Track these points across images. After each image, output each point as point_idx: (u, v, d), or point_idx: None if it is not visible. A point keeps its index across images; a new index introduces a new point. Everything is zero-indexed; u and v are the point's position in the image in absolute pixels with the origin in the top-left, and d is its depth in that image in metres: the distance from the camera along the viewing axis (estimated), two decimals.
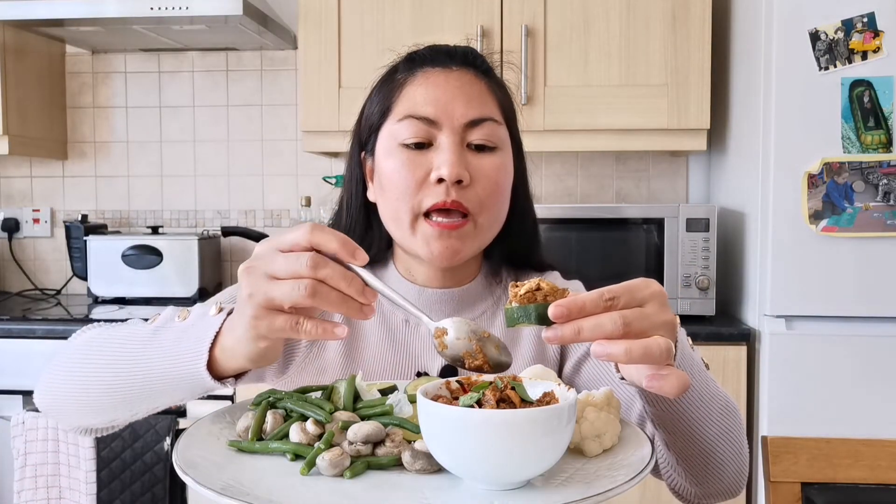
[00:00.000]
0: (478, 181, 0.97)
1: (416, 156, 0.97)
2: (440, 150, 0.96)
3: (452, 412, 0.69)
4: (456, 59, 1.02)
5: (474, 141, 0.97)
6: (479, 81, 1.01)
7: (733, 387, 2.11)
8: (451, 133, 0.97)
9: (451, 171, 0.94)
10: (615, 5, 2.35)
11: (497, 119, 1.00)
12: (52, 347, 2.19)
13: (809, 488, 1.27)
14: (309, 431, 0.80)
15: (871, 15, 1.99)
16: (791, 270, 2.04)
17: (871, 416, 2.02)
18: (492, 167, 0.98)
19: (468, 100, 0.98)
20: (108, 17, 2.32)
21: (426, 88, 0.99)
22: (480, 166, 0.97)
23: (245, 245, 2.85)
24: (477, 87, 1.00)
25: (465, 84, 0.99)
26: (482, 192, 0.97)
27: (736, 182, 2.37)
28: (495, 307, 1.07)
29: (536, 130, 2.37)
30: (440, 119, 0.97)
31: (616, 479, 0.71)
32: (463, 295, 1.06)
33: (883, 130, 2.00)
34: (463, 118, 0.97)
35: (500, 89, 1.04)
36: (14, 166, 2.92)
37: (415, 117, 0.97)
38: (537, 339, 1.05)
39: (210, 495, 0.71)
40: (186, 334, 0.80)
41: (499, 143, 0.99)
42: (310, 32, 2.40)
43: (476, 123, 0.97)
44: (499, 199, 0.99)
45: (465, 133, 0.97)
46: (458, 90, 0.98)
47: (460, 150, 0.97)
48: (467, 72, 1.01)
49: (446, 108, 0.97)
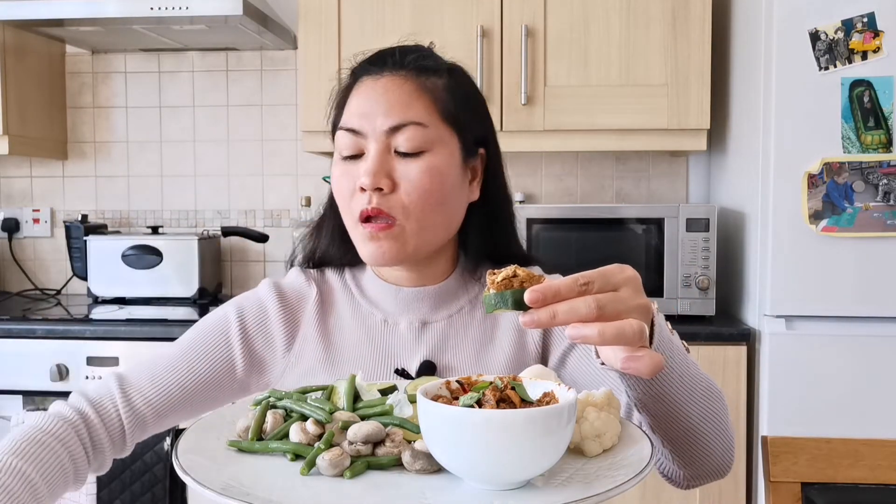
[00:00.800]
0: (401, 186, 0.98)
1: (350, 167, 1.00)
2: (365, 160, 0.99)
3: (452, 412, 0.69)
4: (387, 65, 1.02)
5: (399, 147, 0.98)
6: (407, 83, 1.01)
7: (733, 387, 2.11)
8: (375, 142, 0.99)
9: (369, 181, 0.97)
10: (615, 5, 2.35)
11: (421, 122, 0.99)
12: (53, 347, 2.19)
13: (809, 488, 1.27)
14: (309, 431, 0.80)
15: (871, 15, 1.99)
16: (791, 270, 2.04)
17: (871, 416, 2.02)
18: (416, 172, 0.98)
19: (390, 106, 0.99)
20: (108, 17, 2.32)
21: (357, 100, 1.01)
22: (405, 172, 0.98)
23: (245, 245, 2.85)
24: (402, 90, 1.00)
25: (391, 90, 1.00)
26: (405, 198, 0.98)
27: (736, 182, 2.37)
28: (473, 303, 1.08)
29: (536, 130, 2.37)
30: (364, 129, 0.99)
31: (616, 479, 0.71)
32: (439, 292, 1.07)
33: (883, 130, 2.00)
34: (383, 125, 0.98)
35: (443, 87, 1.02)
36: (14, 166, 2.92)
37: (344, 129, 1.01)
38: (517, 333, 1.06)
39: (210, 495, 0.71)
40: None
41: (425, 145, 0.99)
42: (310, 32, 2.40)
43: (397, 129, 0.98)
44: (427, 202, 0.99)
45: (389, 139, 0.99)
46: (382, 97, 0.99)
47: (382, 158, 0.98)
48: (396, 76, 1.01)
49: (369, 117, 0.99)
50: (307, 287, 1.10)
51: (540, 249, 2.31)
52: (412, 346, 1.06)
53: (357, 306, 1.09)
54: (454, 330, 1.06)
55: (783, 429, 2.04)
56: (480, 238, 1.08)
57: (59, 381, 2.18)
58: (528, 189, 2.78)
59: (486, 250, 1.09)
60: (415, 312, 1.07)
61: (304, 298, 1.09)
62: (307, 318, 1.08)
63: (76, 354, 2.19)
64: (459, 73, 1.08)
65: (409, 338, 1.06)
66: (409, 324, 1.06)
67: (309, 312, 1.08)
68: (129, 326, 2.21)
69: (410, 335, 1.06)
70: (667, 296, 2.23)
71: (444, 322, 1.07)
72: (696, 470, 0.93)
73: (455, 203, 1.03)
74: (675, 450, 0.90)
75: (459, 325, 1.07)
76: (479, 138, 1.06)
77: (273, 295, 1.09)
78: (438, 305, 1.07)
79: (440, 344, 1.05)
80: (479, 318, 1.07)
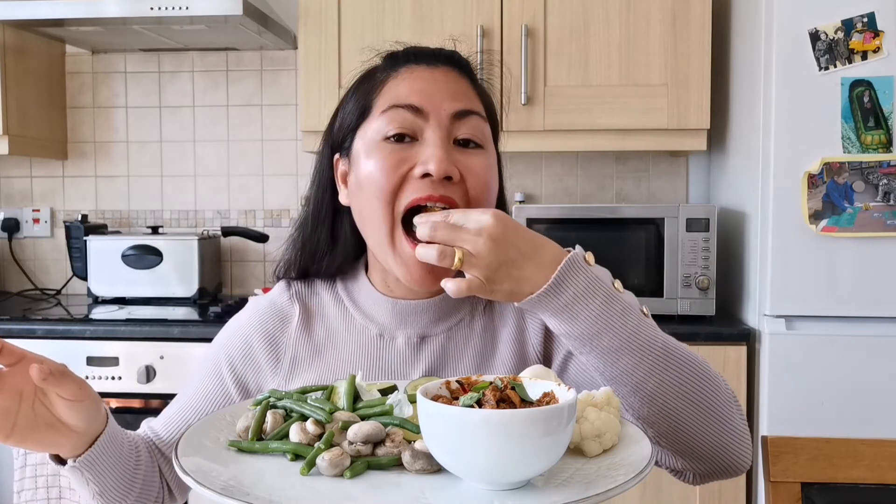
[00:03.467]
0: (467, 179, 0.92)
1: (400, 150, 0.92)
2: (426, 145, 0.91)
3: (452, 412, 0.69)
4: (440, 59, 0.99)
5: (461, 135, 0.93)
6: (463, 79, 0.99)
7: (733, 387, 2.10)
8: (438, 126, 0.92)
9: (439, 167, 0.89)
10: (615, 6, 2.35)
11: (483, 116, 0.97)
12: (53, 347, 2.19)
13: (809, 488, 1.27)
14: (309, 431, 0.80)
15: (871, 15, 1.98)
16: (791, 270, 2.04)
17: (871, 416, 2.02)
18: (481, 165, 0.93)
19: (454, 93, 0.95)
20: (108, 17, 2.32)
21: (411, 82, 0.95)
22: (469, 164, 0.92)
23: (245, 245, 2.85)
24: (462, 83, 0.98)
25: (451, 80, 0.96)
26: (472, 190, 0.92)
27: (736, 182, 2.37)
28: (472, 313, 1.03)
29: (536, 130, 2.37)
30: (426, 108, 0.92)
31: (616, 479, 0.71)
32: (439, 305, 1.01)
33: (883, 130, 2.00)
34: (450, 108, 0.93)
35: (483, 93, 1.03)
36: (14, 166, 2.92)
37: (399, 106, 0.93)
38: (517, 343, 1.02)
39: (210, 495, 0.71)
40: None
41: (485, 141, 0.96)
42: (310, 32, 2.40)
43: (463, 115, 0.93)
44: (487, 199, 0.94)
45: (451, 127, 0.93)
46: (444, 84, 0.95)
47: (448, 146, 0.92)
48: (451, 70, 0.98)
49: (432, 99, 0.93)
50: (290, 307, 1.05)
51: None
52: (410, 362, 1.00)
53: (351, 320, 1.03)
54: (454, 343, 1.01)
55: (783, 429, 2.04)
56: None
57: None
58: (528, 189, 2.77)
59: None
60: (413, 326, 1.01)
61: (286, 320, 1.04)
62: (292, 340, 1.03)
63: (76, 354, 2.19)
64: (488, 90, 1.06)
65: (406, 353, 1.00)
66: (407, 338, 1.01)
67: (293, 335, 1.03)
68: (129, 326, 2.21)
69: (408, 350, 1.00)
70: (667, 296, 2.23)
71: (444, 335, 1.01)
72: (697, 464, 0.90)
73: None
74: (659, 435, 0.87)
75: (460, 338, 1.01)
76: (497, 152, 1.05)
77: (255, 323, 1.05)
78: (439, 318, 1.01)
79: (440, 359, 1.00)
80: (480, 329, 1.02)
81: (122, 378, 2.18)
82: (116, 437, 0.93)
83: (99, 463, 0.89)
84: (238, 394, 1.05)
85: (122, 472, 0.94)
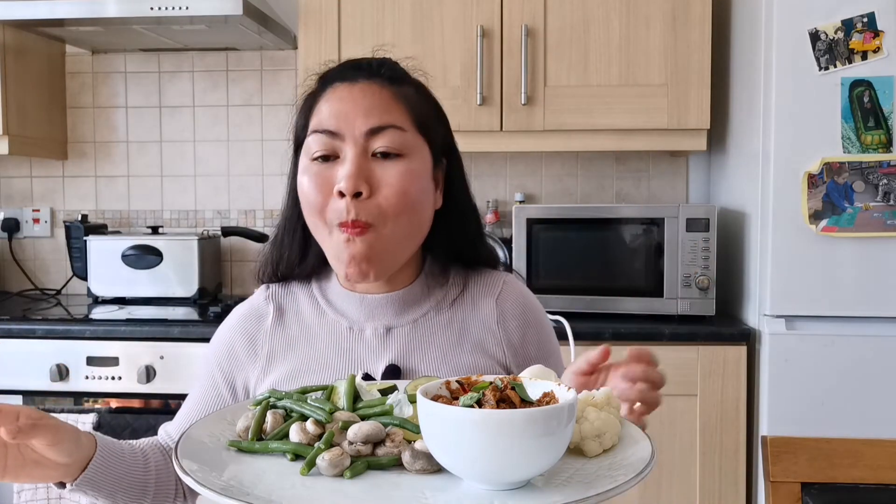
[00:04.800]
0: (380, 190, 0.99)
1: (324, 169, 1.00)
2: (343, 163, 0.99)
3: (452, 412, 0.69)
4: (361, 72, 1.04)
5: (377, 149, 0.99)
6: (383, 90, 1.02)
7: (733, 386, 2.11)
8: (353, 144, 0.99)
9: (348, 184, 0.97)
10: (615, 5, 2.35)
11: (401, 126, 1.01)
12: (53, 347, 2.19)
13: (809, 488, 1.27)
14: (309, 431, 0.80)
15: (871, 15, 1.99)
16: (791, 270, 2.04)
17: (871, 416, 2.02)
18: (395, 174, 0.99)
19: (369, 109, 1.00)
20: (108, 17, 2.32)
21: (331, 103, 1.02)
22: (384, 174, 0.99)
23: (245, 245, 2.85)
24: (380, 96, 1.02)
25: (368, 95, 1.01)
26: (384, 201, 0.98)
27: (736, 182, 2.37)
28: (438, 308, 1.10)
29: (536, 130, 2.37)
30: (342, 130, 1.00)
31: (616, 479, 0.71)
32: (404, 297, 1.09)
33: (883, 130, 2.00)
34: (363, 126, 0.99)
35: (415, 96, 1.05)
36: (14, 166, 2.92)
37: (319, 131, 1.01)
38: (482, 339, 1.09)
39: (210, 495, 0.71)
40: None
41: (404, 149, 1.01)
42: (310, 32, 2.40)
43: (377, 131, 0.99)
44: (405, 206, 1.00)
45: (367, 142, 0.99)
46: (360, 101, 1.01)
47: (361, 162, 0.99)
48: (372, 83, 1.03)
49: (347, 119, 1.00)
50: (265, 306, 1.13)
51: (540, 249, 2.31)
52: (378, 352, 1.07)
53: (324, 315, 1.11)
54: (419, 334, 1.08)
55: (783, 429, 2.04)
56: (445, 244, 1.11)
57: (59, 381, 2.18)
58: (528, 189, 2.78)
59: (451, 256, 1.12)
60: (379, 318, 1.09)
61: (261, 318, 1.13)
62: (267, 336, 1.11)
63: (76, 354, 2.19)
64: (424, 87, 1.10)
65: (374, 344, 1.08)
66: (375, 330, 1.08)
67: (267, 331, 1.11)
68: (129, 326, 2.21)
69: (376, 341, 1.08)
70: (667, 296, 2.23)
71: (409, 327, 1.08)
72: None
73: (425, 210, 1.05)
74: None
75: (425, 330, 1.09)
76: (443, 148, 1.09)
77: (235, 326, 1.14)
78: (403, 310, 1.09)
79: (405, 348, 1.07)
80: (445, 322, 1.09)
81: (122, 378, 2.18)
82: (113, 452, 0.99)
83: (98, 480, 0.96)
84: (229, 394, 1.12)
85: (129, 480, 1.00)
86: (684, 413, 2.12)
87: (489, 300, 1.12)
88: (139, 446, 1.06)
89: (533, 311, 1.15)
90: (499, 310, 1.11)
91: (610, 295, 2.26)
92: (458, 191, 1.11)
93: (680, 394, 2.11)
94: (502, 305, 1.12)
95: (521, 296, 1.15)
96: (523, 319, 1.12)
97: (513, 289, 1.14)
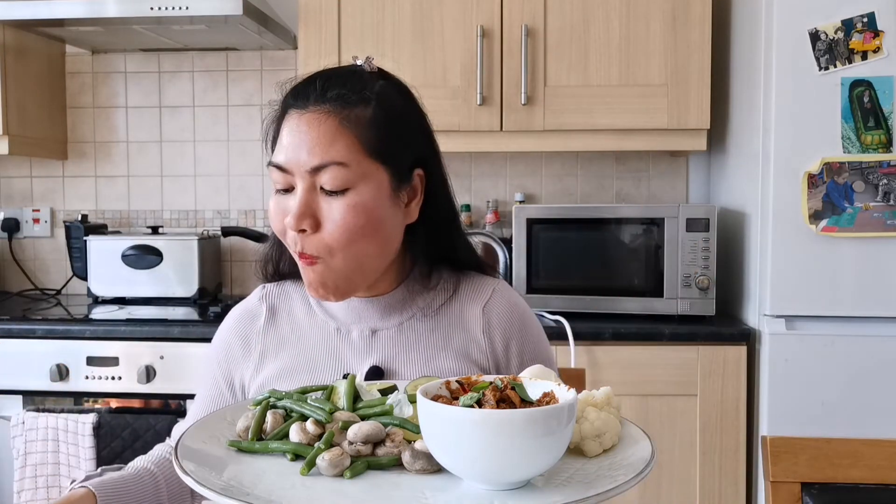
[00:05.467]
0: (324, 226, 1.00)
1: (283, 200, 1.02)
2: (295, 196, 1.00)
3: (452, 412, 0.69)
4: (310, 99, 1.02)
5: (323, 185, 0.99)
6: (329, 119, 1.00)
7: (733, 386, 2.11)
8: (301, 180, 1.00)
9: (292, 222, 0.99)
10: (615, 5, 2.35)
11: (343, 161, 0.98)
12: (53, 347, 2.19)
13: (809, 488, 1.27)
14: (309, 431, 0.80)
15: (871, 15, 1.98)
16: (791, 270, 2.04)
17: (871, 417, 2.02)
18: (338, 210, 0.99)
19: (312, 145, 0.99)
20: (108, 17, 2.32)
21: (285, 136, 1.02)
22: (329, 210, 1.00)
23: (245, 245, 2.85)
24: (324, 128, 1.00)
25: (315, 126, 1.00)
26: (328, 237, 1.00)
27: (736, 182, 2.37)
28: (424, 311, 1.12)
29: (536, 130, 2.37)
30: (290, 167, 1.00)
31: (616, 479, 0.71)
32: (388, 301, 1.11)
33: (883, 130, 2.00)
34: (306, 165, 0.99)
35: (370, 118, 1.01)
36: (14, 166, 2.92)
37: (274, 165, 1.02)
38: (466, 345, 1.11)
39: (210, 495, 0.71)
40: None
41: (348, 183, 0.99)
42: (310, 32, 2.40)
43: (319, 169, 0.99)
44: (350, 239, 1.00)
45: (313, 178, 1.00)
46: (306, 135, 1.00)
47: (307, 199, 1.00)
48: (319, 110, 1.01)
49: (294, 156, 1.00)
50: (258, 306, 1.17)
51: (540, 249, 2.31)
52: (363, 353, 1.10)
53: (314, 316, 1.14)
54: (404, 337, 1.10)
55: (783, 429, 2.04)
56: (427, 250, 1.11)
57: (59, 381, 2.18)
58: (528, 189, 2.78)
59: (434, 260, 1.13)
60: (365, 321, 1.11)
61: (255, 318, 1.17)
62: (259, 335, 1.15)
63: (76, 354, 2.19)
64: (390, 96, 1.05)
65: (360, 345, 1.10)
66: (361, 332, 1.11)
67: (259, 330, 1.15)
68: (129, 326, 2.21)
69: (361, 342, 1.11)
70: (667, 296, 2.23)
71: (394, 329, 1.11)
72: None
73: (387, 231, 1.04)
74: None
75: (409, 333, 1.11)
76: (415, 160, 1.06)
77: (231, 327, 1.18)
78: (388, 314, 1.11)
79: (390, 351, 1.10)
80: (430, 327, 1.11)
81: (122, 378, 2.18)
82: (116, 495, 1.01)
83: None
84: (230, 392, 1.15)
85: (140, 496, 1.03)
86: (684, 413, 2.13)
87: (476, 308, 1.13)
88: (145, 466, 1.08)
89: (520, 321, 1.14)
90: (485, 318, 1.12)
91: (610, 295, 2.26)
92: (436, 198, 1.10)
93: (680, 394, 2.11)
94: (489, 314, 1.12)
95: (509, 305, 1.14)
96: (509, 329, 1.12)
97: (501, 297, 1.14)
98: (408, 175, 1.05)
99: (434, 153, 1.10)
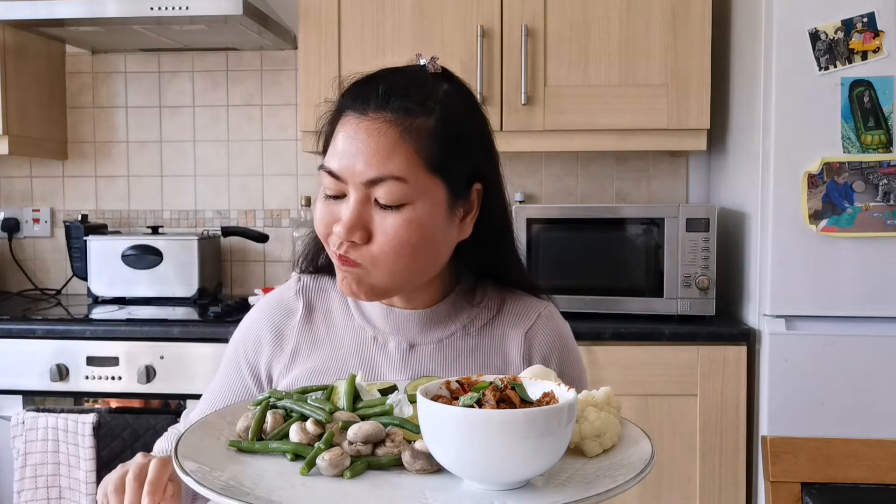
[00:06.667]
0: (375, 238, 0.96)
1: (332, 205, 0.99)
2: (346, 205, 0.97)
3: (452, 412, 0.69)
4: (371, 103, 0.97)
5: (378, 198, 0.95)
6: (390, 129, 0.95)
7: (733, 387, 2.11)
8: (355, 190, 0.96)
9: (343, 233, 0.96)
10: (615, 5, 2.35)
11: (401, 176, 0.94)
12: (53, 347, 2.19)
13: (809, 488, 1.27)
14: (309, 431, 0.80)
15: (871, 15, 1.98)
16: (791, 270, 2.04)
17: (871, 416, 2.02)
18: (392, 225, 0.95)
19: (370, 156, 0.95)
20: (108, 17, 2.32)
21: (341, 140, 0.98)
22: (382, 223, 0.96)
23: (245, 245, 2.85)
24: (385, 138, 0.95)
25: (373, 136, 0.95)
26: (377, 250, 0.96)
27: (736, 182, 2.37)
28: (466, 328, 1.08)
29: (536, 130, 2.37)
30: (344, 176, 0.96)
31: (616, 479, 0.71)
32: (429, 316, 1.07)
33: (883, 130, 2.00)
34: (362, 177, 0.95)
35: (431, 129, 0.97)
36: (14, 166, 2.92)
37: (326, 170, 0.98)
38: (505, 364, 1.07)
39: (210, 495, 0.71)
40: None
41: (405, 199, 0.95)
42: (310, 32, 2.40)
43: (375, 182, 0.95)
44: (400, 255, 0.96)
45: (368, 190, 0.95)
46: (364, 144, 0.95)
47: (360, 209, 0.96)
48: (379, 118, 0.96)
49: (350, 164, 0.96)
50: (295, 301, 1.13)
51: (540, 249, 2.31)
52: (398, 368, 1.06)
53: (351, 319, 1.10)
54: (442, 355, 1.06)
55: (783, 429, 2.04)
56: (477, 266, 1.08)
57: (59, 381, 2.18)
58: (528, 189, 2.78)
59: (483, 274, 1.10)
60: (403, 333, 1.07)
61: (290, 314, 1.12)
62: (294, 332, 1.11)
63: (76, 354, 2.19)
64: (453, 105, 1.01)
65: (396, 358, 1.06)
66: (398, 344, 1.07)
67: (295, 327, 1.11)
68: (129, 326, 2.21)
69: (398, 356, 1.06)
70: (667, 296, 2.23)
71: (433, 346, 1.07)
72: None
73: (438, 248, 1.00)
74: None
75: (448, 351, 1.07)
76: (473, 173, 1.02)
77: (264, 317, 1.14)
78: (428, 328, 1.07)
79: (426, 368, 1.05)
80: (471, 347, 1.07)
81: (122, 378, 2.18)
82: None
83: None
84: (254, 382, 1.12)
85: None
86: (684, 413, 2.12)
87: (518, 332, 1.08)
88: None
89: (561, 349, 1.11)
90: (527, 344, 1.08)
91: (610, 295, 2.26)
92: (492, 213, 1.05)
93: (680, 394, 2.11)
94: (531, 339, 1.09)
95: (553, 332, 1.11)
96: (548, 356, 1.09)
97: (546, 323, 1.11)
98: (465, 190, 1.01)
99: (493, 165, 1.05)
